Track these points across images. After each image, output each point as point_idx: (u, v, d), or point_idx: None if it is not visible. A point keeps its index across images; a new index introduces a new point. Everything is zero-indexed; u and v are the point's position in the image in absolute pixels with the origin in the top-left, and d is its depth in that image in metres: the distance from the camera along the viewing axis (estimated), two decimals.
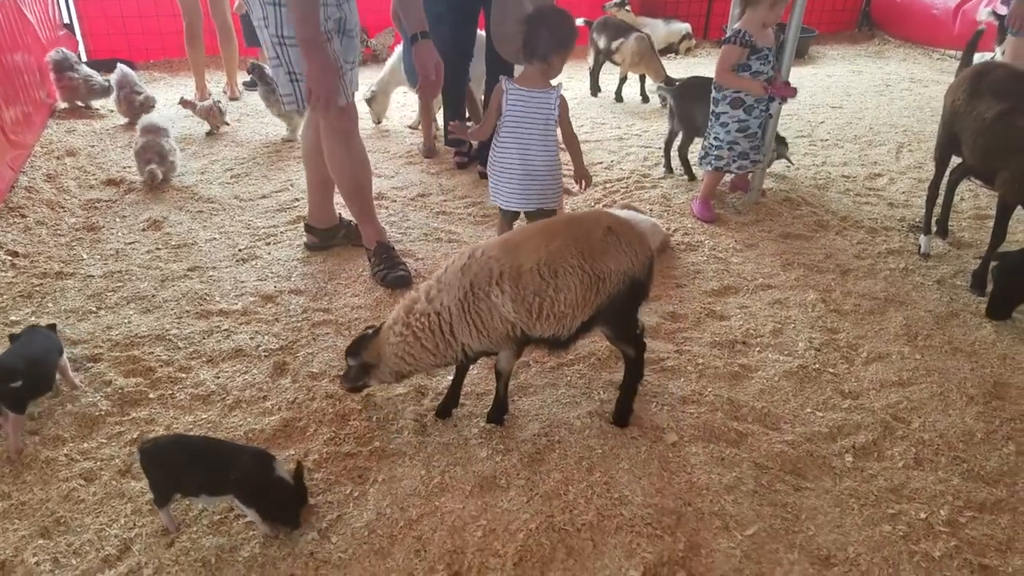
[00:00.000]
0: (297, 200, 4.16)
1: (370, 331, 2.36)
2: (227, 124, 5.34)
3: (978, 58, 5.47)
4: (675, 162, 4.74)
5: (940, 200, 3.81)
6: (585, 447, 2.35)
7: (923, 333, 3.05)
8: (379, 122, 5.56)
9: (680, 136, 4.59)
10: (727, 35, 3.86)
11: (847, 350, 2.94)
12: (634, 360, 2.42)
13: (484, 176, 4.59)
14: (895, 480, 2.28)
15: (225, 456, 1.99)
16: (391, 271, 3.34)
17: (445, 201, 4.29)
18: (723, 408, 2.56)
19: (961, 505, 2.19)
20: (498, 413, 2.46)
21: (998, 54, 5.69)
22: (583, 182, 3.19)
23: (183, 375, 2.67)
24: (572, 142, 3.17)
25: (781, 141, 4.43)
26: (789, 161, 4.60)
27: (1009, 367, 2.86)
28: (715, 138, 4.04)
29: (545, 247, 2.18)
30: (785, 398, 2.64)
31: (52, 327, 2.60)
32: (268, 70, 4.97)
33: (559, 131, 3.11)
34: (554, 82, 3.04)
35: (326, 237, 3.67)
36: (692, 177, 4.61)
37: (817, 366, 2.82)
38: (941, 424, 2.53)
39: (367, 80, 5.43)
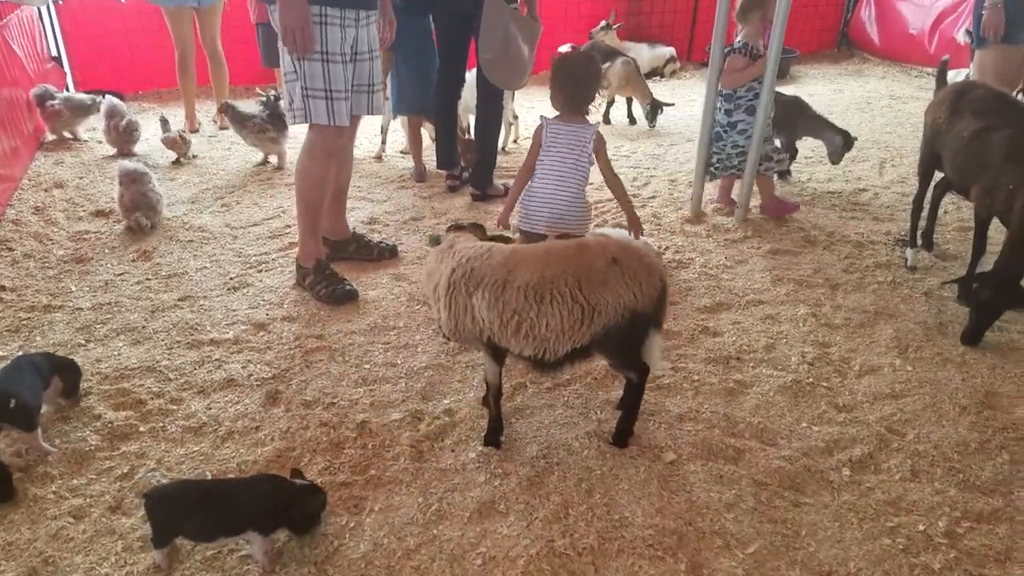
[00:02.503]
0: (288, 227, 4.15)
1: (464, 224, 2.55)
2: (194, 157, 5.35)
3: (953, 75, 5.59)
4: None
5: (924, 214, 3.86)
6: (584, 468, 2.33)
7: (913, 345, 3.07)
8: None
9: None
10: (733, 46, 4.13)
11: (839, 364, 2.95)
12: (636, 384, 2.39)
13: (476, 199, 4.63)
14: (893, 493, 2.28)
15: (238, 492, 1.97)
16: (337, 286, 3.37)
17: (438, 224, 4.30)
18: (720, 425, 2.56)
19: (959, 516, 2.19)
20: (494, 434, 2.44)
21: (972, 69, 5.81)
22: (636, 231, 3.17)
23: (174, 407, 2.64)
24: (616, 184, 3.16)
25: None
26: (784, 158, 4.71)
27: (999, 377, 2.88)
28: (733, 145, 4.22)
29: (541, 270, 2.17)
30: (780, 413, 2.65)
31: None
32: (240, 108, 5.03)
33: (593, 168, 3.15)
34: (591, 119, 3.14)
35: (338, 249, 3.74)
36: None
37: (811, 380, 2.83)
38: (935, 435, 2.54)
39: None
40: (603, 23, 7.51)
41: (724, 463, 2.38)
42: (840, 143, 4.69)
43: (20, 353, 2.76)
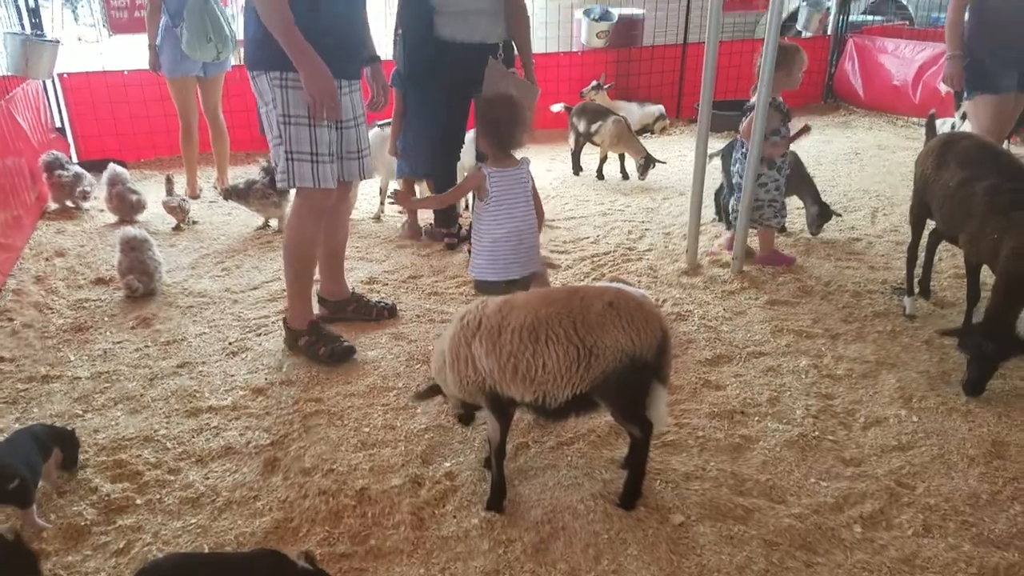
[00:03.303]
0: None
1: None
2: (194, 223, 5.40)
3: (939, 125, 5.70)
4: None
5: (920, 262, 3.88)
6: (591, 532, 2.28)
7: (917, 395, 3.05)
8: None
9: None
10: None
11: (844, 416, 2.93)
12: (641, 441, 2.35)
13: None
14: (906, 549, 2.22)
15: (234, 567, 1.92)
16: (336, 344, 3.36)
17: (436, 282, 4.32)
18: (727, 483, 2.52)
19: (975, 572, 2.13)
20: (497, 498, 2.40)
21: (957, 119, 5.93)
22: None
23: (171, 477, 2.60)
24: (539, 206, 3.36)
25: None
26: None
27: (1006, 425, 2.85)
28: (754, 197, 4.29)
29: (535, 312, 2.20)
30: (788, 469, 2.61)
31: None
32: (239, 185, 5.13)
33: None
34: (518, 155, 3.29)
35: (337, 309, 3.76)
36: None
37: (816, 434, 2.80)
38: (945, 488, 2.49)
39: None
40: (594, 83, 7.71)
41: (733, 523, 2.33)
42: (815, 213, 4.76)
43: (18, 426, 2.73)
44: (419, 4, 4.28)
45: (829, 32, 9.52)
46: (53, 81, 6.55)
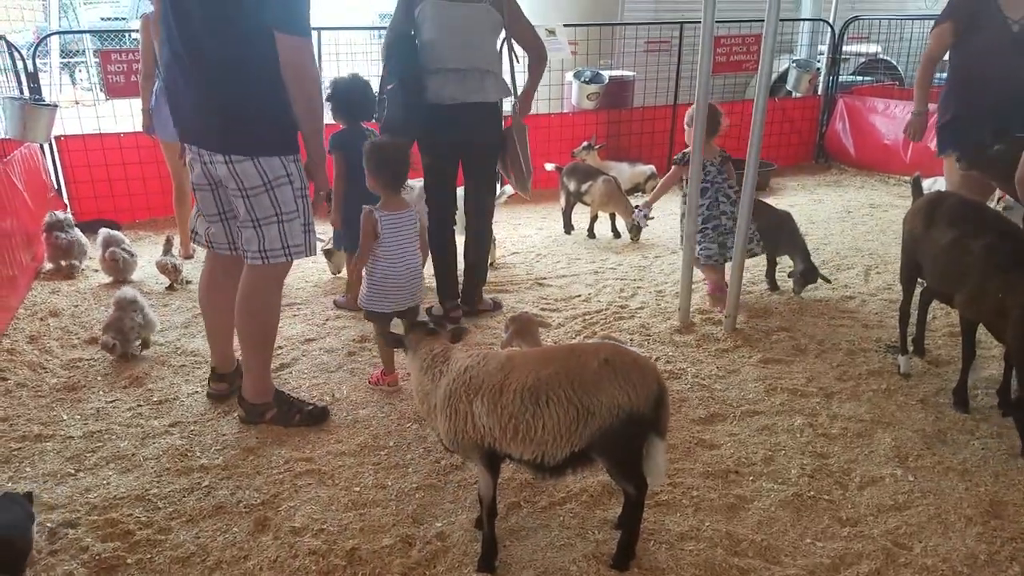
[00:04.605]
0: (280, 348, 4.16)
1: (431, 325, 2.68)
2: (188, 282, 5.41)
3: (929, 183, 5.82)
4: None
5: (913, 320, 3.91)
6: None
7: (913, 454, 3.04)
8: (338, 272, 5.58)
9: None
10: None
11: (840, 475, 2.91)
12: (635, 500, 2.33)
13: (465, 314, 4.62)
14: None
15: None
16: (307, 407, 3.38)
17: None
18: (722, 543, 2.49)
19: None
20: (488, 558, 2.37)
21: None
22: None
23: (162, 537, 2.57)
24: (424, 245, 3.81)
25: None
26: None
27: (1003, 484, 2.83)
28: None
29: (536, 372, 2.22)
30: (784, 529, 2.58)
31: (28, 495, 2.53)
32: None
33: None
34: (406, 196, 3.60)
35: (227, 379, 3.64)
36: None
37: (812, 493, 2.78)
38: (943, 548, 2.47)
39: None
40: (585, 144, 7.85)
41: None
42: (801, 271, 4.82)
43: (11, 486, 2.71)
44: (407, 60, 4.16)
45: (819, 92, 9.78)
46: (50, 143, 6.67)
